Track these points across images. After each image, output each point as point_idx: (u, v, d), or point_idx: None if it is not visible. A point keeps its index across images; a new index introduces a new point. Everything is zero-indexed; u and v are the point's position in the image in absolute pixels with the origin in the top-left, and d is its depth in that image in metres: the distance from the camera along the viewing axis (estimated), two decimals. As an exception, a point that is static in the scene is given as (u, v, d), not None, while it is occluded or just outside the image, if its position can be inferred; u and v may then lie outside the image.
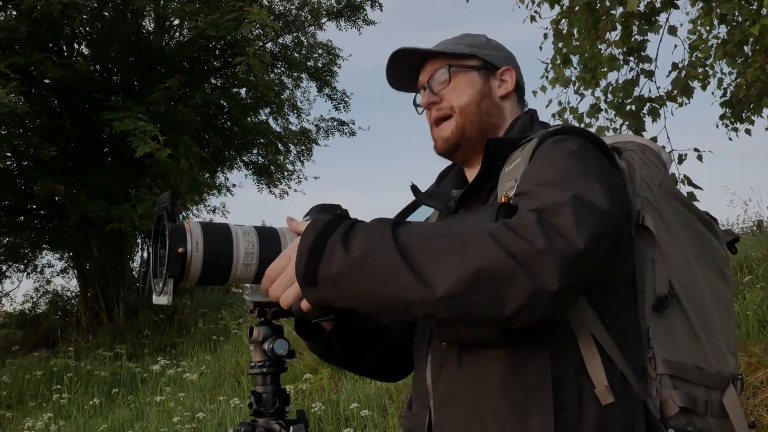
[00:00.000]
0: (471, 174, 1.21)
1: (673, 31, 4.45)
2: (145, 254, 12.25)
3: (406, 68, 1.23)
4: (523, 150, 1.03)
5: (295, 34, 12.52)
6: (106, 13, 9.76)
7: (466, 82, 1.16)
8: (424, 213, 1.28)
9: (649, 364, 0.95)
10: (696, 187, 4.05)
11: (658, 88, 5.37)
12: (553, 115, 5.05)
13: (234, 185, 16.03)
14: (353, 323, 1.15)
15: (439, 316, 0.85)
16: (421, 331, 1.14)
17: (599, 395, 0.90)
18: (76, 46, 10.57)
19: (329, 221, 0.90)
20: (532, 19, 5.14)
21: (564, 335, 0.92)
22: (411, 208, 1.33)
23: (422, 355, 1.10)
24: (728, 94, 5.16)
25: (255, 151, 13.12)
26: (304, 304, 0.93)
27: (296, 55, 12.72)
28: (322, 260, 0.86)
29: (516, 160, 1.03)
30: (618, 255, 0.95)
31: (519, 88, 1.22)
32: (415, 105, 1.26)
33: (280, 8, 12.27)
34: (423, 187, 1.28)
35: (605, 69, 4.45)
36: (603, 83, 4.74)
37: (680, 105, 4.66)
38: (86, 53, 10.83)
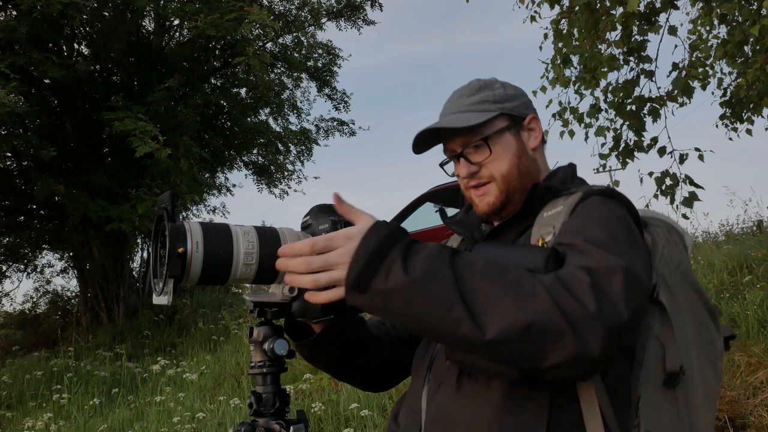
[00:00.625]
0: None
1: (673, 31, 4.45)
2: (145, 254, 12.26)
3: (426, 132, 1.21)
4: (566, 200, 1.06)
5: (295, 34, 12.53)
6: (106, 13, 9.76)
7: (503, 147, 1.16)
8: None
9: None
10: (697, 186, 4.06)
11: (658, 88, 5.37)
12: (554, 115, 5.05)
13: (234, 185, 16.10)
14: (345, 329, 1.15)
15: (479, 355, 0.87)
16: (424, 346, 1.16)
17: None
18: (76, 46, 10.58)
19: (392, 231, 0.89)
20: (532, 19, 5.14)
21: (566, 384, 0.94)
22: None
23: (421, 371, 1.11)
24: (728, 94, 5.16)
25: (255, 151, 13.14)
26: (328, 295, 0.91)
27: (296, 55, 12.73)
28: (378, 272, 0.86)
29: (557, 208, 1.05)
30: None
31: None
32: (442, 166, 1.26)
33: (280, 8, 12.28)
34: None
35: (605, 69, 4.45)
36: (603, 83, 4.74)
37: (681, 105, 4.66)
38: (86, 53, 10.84)
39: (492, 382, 0.96)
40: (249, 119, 12.19)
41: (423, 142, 1.21)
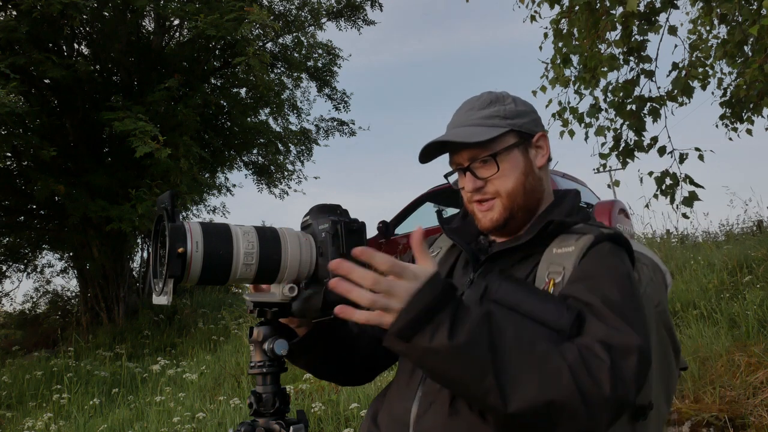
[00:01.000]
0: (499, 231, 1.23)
1: (673, 31, 4.45)
2: (145, 254, 12.25)
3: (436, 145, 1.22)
4: (577, 241, 1.08)
5: (295, 34, 12.52)
6: (106, 13, 9.75)
7: (511, 164, 1.17)
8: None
9: None
10: (697, 185, 4.06)
11: (658, 88, 5.37)
12: (553, 115, 5.05)
13: (234, 185, 16.06)
14: (332, 331, 1.16)
15: (500, 423, 0.92)
16: None
17: None
18: (76, 46, 10.56)
19: (444, 290, 0.90)
20: (532, 18, 5.14)
21: None
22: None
23: (412, 384, 1.11)
24: (728, 94, 5.16)
25: (255, 151, 13.12)
26: (362, 316, 0.90)
27: (296, 55, 12.72)
28: (425, 329, 0.88)
29: (567, 247, 1.08)
30: None
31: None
32: (446, 177, 1.27)
33: (280, 8, 12.27)
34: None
35: (605, 69, 4.45)
36: (603, 83, 4.74)
37: (680, 105, 4.66)
38: (86, 53, 10.82)
39: (488, 417, 0.99)
40: (249, 119, 12.17)
41: (430, 152, 1.21)
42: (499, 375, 0.87)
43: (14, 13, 8.62)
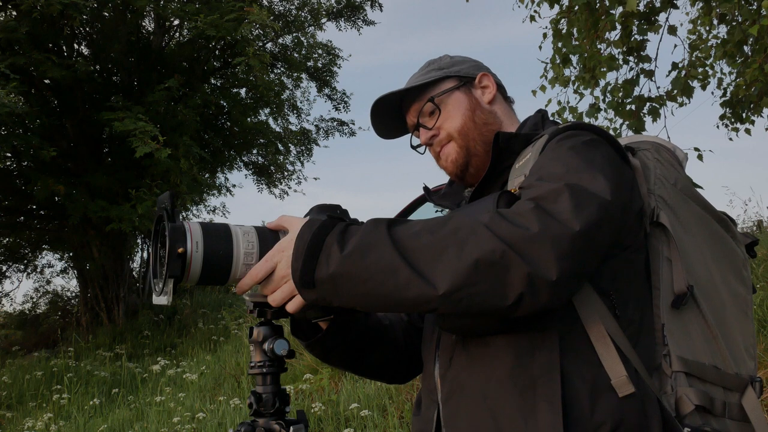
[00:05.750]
0: None
1: (672, 30, 4.46)
2: (145, 254, 12.26)
3: (389, 116, 1.24)
4: (533, 146, 1.03)
5: (295, 34, 12.53)
6: (106, 13, 9.76)
7: (453, 105, 1.18)
8: (427, 211, 1.30)
9: (664, 361, 0.93)
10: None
11: (658, 87, 5.38)
12: (553, 115, 5.05)
13: (234, 185, 16.10)
14: (352, 323, 1.13)
15: (441, 311, 0.84)
16: (429, 327, 1.14)
17: (617, 387, 0.88)
18: (76, 46, 10.57)
19: (324, 222, 0.89)
20: (532, 18, 5.15)
21: (573, 324, 0.91)
22: (414, 206, 1.35)
23: (430, 350, 1.09)
24: (728, 94, 5.16)
25: (255, 151, 13.13)
26: (292, 305, 0.93)
27: (296, 55, 12.73)
28: (318, 261, 0.85)
29: (526, 156, 1.03)
30: (629, 248, 0.95)
31: (501, 88, 1.24)
32: (414, 147, 1.27)
33: (280, 8, 12.29)
34: (426, 183, 1.30)
35: (604, 69, 4.45)
36: (602, 83, 4.75)
37: (680, 105, 4.66)
38: (86, 53, 10.83)
39: (499, 342, 0.93)
40: (249, 119, 12.18)
41: (385, 127, 1.25)
42: (412, 262, 0.80)
43: (14, 13, 8.62)
